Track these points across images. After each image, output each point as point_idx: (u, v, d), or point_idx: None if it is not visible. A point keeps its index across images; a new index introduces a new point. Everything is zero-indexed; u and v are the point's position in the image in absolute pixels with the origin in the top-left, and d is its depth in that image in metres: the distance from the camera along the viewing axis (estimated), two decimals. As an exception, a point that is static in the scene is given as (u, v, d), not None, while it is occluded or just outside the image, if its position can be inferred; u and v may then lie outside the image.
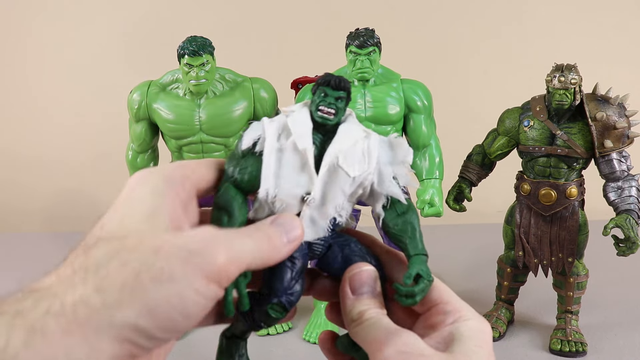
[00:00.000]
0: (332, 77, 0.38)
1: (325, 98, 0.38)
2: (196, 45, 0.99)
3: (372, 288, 0.37)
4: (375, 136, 0.39)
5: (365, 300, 0.36)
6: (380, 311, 0.36)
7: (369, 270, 0.38)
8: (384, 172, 0.38)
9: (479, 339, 0.34)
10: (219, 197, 0.36)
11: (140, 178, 0.33)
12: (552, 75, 0.98)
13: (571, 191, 1.00)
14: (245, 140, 0.37)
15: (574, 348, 1.01)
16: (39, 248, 1.62)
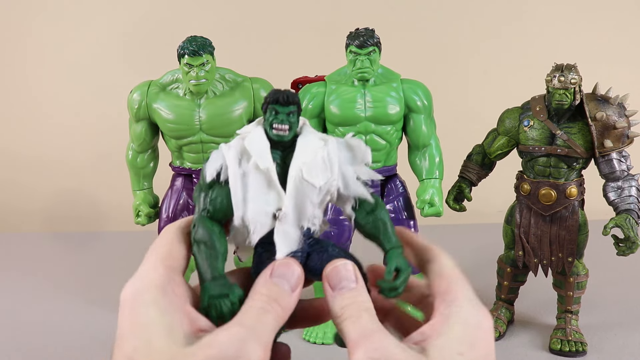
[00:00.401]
0: (280, 93, 0.38)
1: (277, 115, 0.38)
2: (196, 45, 0.99)
3: (351, 281, 0.37)
4: (333, 141, 0.39)
5: (346, 294, 0.36)
6: (361, 307, 0.35)
7: (345, 264, 0.37)
8: (346, 174, 0.39)
9: (463, 339, 0.33)
10: (196, 232, 0.38)
11: (136, 299, 0.33)
12: (552, 75, 0.98)
13: (571, 191, 1.00)
14: (208, 171, 0.38)
15: (574, 348, 1.01)
16: (39, 248, 1.62)
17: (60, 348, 1.05)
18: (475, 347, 0.33)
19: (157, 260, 0.35)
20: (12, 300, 1.27)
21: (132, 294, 0.33)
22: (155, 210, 1.13)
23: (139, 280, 0.34)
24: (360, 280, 0.37)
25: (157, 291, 0.33)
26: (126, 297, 0.33)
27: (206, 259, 0.37)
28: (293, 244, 0.38)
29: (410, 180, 1.10)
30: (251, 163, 0.38)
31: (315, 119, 1.05)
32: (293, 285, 0.36)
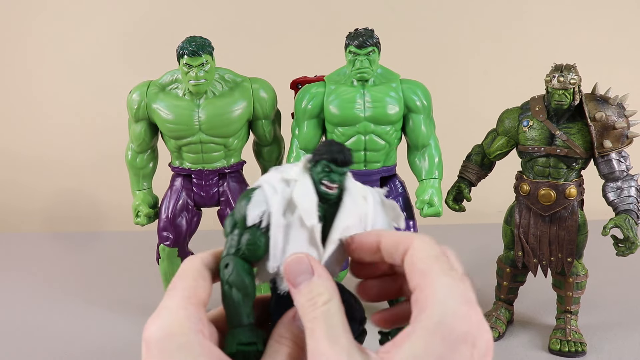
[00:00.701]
0: (340, 153, 0.37)
1: (329, 174, 0.37)
2: (195, 45, 0.99)
3: (305, 274, 0.34)
4: (371, 199, 0.39)
5: (303, 290, 0.33)
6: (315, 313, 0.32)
7: (295, 258, 0.35)
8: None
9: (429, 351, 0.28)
10: (230, 274, 0.36)
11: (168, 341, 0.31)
12: (552, 75, 0.98)
13: (570, 191, 1.00)
14: (250, 214, 0.36)
15: (574, 348, 1.01)
16: (39, 248, 1.62)
17: (60, 348, 1.05)
18: None
19: (183, 298, 0.33)
20: (12, 300, 1.27)
21: (162, 334, 0.31)
22: (154, 211, 1.13)
23: (167, 319, 0.32)
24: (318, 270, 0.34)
25: (190, 334, 0.31)
26: (153, 336, 0.31)
27: (238, 304, 0.36)
28: None
29: (409, 180, 1.10)
30: (296, 216, 0.36)
31: (315, 119, 1.05)
32: None
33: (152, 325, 0.32)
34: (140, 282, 1.33)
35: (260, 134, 1.10)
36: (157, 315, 0.32)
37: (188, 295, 0.33)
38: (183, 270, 0.35)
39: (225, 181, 1.10)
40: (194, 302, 0.33)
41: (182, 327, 0.31)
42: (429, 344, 0.28)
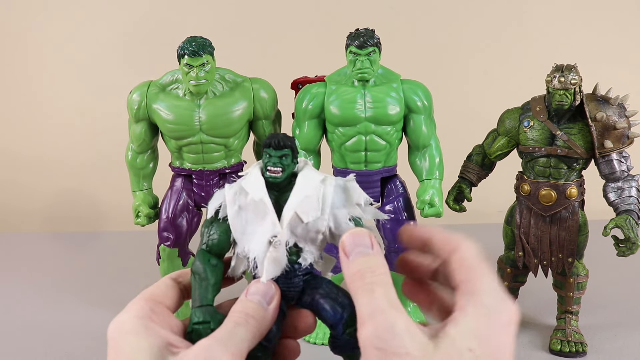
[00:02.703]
0: (273, 138, 0.41)
1: (270, 159, 0.41)
2: (196, 45, 0.99)
3: (365, 247, 0.36)
4: (331, 181, 0.41)
5: (360, 259, 0.36)
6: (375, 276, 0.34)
7: (361, 232, 0.38)
8: (338, 215, 0.41)
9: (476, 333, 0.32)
10: (194, 264, 0.41)
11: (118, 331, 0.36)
12: (552, 75, 0.98)
13: (571, 191, 1.00)
14: (209, 209, 0.41)
15: (574, 348, 1.01)
16: (39, 248, 1.62)
17: (60, 348, 1.05)
18: (487, 343, 0.32)
19: (139, 298, 0.38)
20: (12, 300, 1.27)
21: (115, 327, 0.36)
22: (155, 211, 1.13)
23: (120, 315, 0.36)
24: (377, 247, 0.37)
25: (136, 321, 0.35)
26: (110, 332, 0.36)
27: (197, 288, 0.40)
28: (278, 271, 0.40)
29: (410, 180, 1.09)
30: (247, 197, 0.40)
31: (315, 119, 1.05)
32: (268, 299, 0.38)
33: (110, 325, 0.36)
34: (140, 282, 1.32)
35: (260, 134, 1.10)
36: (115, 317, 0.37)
37: (144, 296, 0.38)
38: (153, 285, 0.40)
39: (226, 181, 1.10)
40: (147, 298, 0.38)
41: (129, 317, 0.36)
42: (480, 323, 0.32)
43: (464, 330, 0.32)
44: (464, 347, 0.31)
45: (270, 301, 0.38)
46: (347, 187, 0.42)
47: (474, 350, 0.31)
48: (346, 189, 0.41)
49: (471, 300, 0.34)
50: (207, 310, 0.39)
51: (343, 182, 0.42)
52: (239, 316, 0.36)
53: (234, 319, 0.36)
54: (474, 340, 0.32)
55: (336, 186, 0.41)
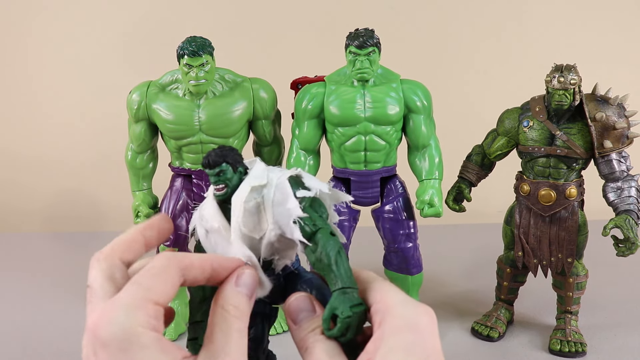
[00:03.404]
0: (205, 158, 0.41)
1: (211, 179, 0.41)
2: (196, 45, 0.99)
3: (308, 312, 0.38)
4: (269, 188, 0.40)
5: (304, 325, 0.38)
6: (316, 336, 0.36)
7: (299, 297, 0.39)
8: (280, 220, 0.39)
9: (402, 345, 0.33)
10: None
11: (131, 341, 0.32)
12: (552, 75, 0.98)
13: (571, 191, 1.00)
14: (189, 229, 0.43)
15: (574, 348, 1.01)
16: (39, 248, 1.62)
17: (60, 348, 1.05)
18: (413, 352, 0.33)
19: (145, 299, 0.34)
20: (12, 300, 1.27)
21: (123, 335, 0.32)
22: (154, 211, 1.13)
23: (125, 318, 0.32)
24: (319, 309, 0.38)
25: (153, 336, 0.33)
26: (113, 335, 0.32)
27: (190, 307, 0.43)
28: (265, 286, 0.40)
29: (409, 180, 1.10)
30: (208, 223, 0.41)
31: (315, 119, 1.05)
32: (251, 292, 0.38)
33: (107, 321, 0.32)
34: (140, 282, 1.33)
35: (260, 134, 1.10)
36: (110, 311, 0.32)
37: (151, 298, 0.34)
38: (154, 267, 0.35)
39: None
40: (155, 304, 0.34)
41: (142, 328, 0.32)
42: (400, 336, 0.33)
43: (389, 347, 0.33)
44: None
45: (252, 294, 0.38)
46: (280, 188, 0.39)
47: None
48: (280, 189, 0.39)
49: (386, 317, 0.34)
50: (195, 327, 0.41)
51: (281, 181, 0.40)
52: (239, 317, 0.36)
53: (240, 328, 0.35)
54: (402, 352, 0.33)
55: (275, 186, 0.40)
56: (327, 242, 0.38)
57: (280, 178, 0.39)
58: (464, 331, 1.10)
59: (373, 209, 1.09)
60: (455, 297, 1.25)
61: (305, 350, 0.36)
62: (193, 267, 0.36)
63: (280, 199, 0.39)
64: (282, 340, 1.06)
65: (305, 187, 0.40)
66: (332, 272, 0.37)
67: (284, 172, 0.40)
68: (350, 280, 0.37)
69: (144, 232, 0.40)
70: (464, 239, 1.62)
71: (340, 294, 0.36)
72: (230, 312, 0.36)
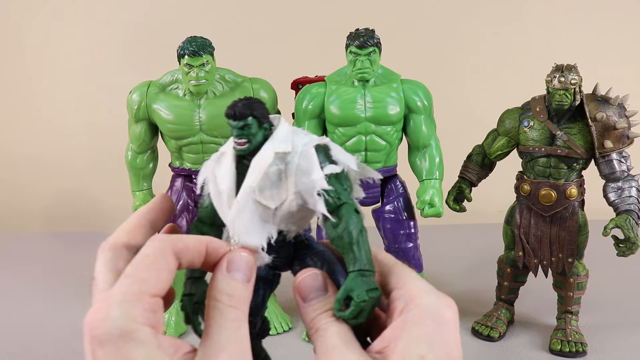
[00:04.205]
0: (231, 108, 0.38)
1: (233, 130, 0.39)
2: (196, 45, 0.99)
3: (320, 291, 0.36)
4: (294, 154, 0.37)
5: (315, 305, 0.36)
6: (329, 317, 0.35)
7: (312, 275, 0.37)
8: (303, 191, 0.36)
9: (424, 337, 0.32)
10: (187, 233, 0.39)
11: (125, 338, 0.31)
12: (552, 75, 0.98)
13: (571, 191, 1.00)
14: (198, 182, 0.40)
15: (574, 348, 1.01)
16: (39, 248, 1.62)
17: (61, 348, 1.05)
18: (436, 345, 0.32)
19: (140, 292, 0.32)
20: (12, 300, 1.27)
21: (119, 332, 0.30)
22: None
23: (120, 314, 0.31)
24: (332, 290, 0.36)
25: (149, 332, 0.31)
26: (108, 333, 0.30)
27: None
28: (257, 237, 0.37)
29: (410, 180, 1.10)
30: None
31: (316, 119, 1.05)
32: (248, 276, 0.36)
33: (102, 318, 0.31)
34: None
35: (260, 134, 1.10)
36: (106, 308, 0.31)
37: (146, 290, 0.32)
38: (147, 256, 0.33)
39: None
40: (151, 297, 0.32)
41: (137, 323, 0.31)
42: (424, 327, 0.32)
43: (410, 340, 0.32)
44: (415, 355, 0.31)
45: (250, 277, 0.36)
46: (306, 157, 0.37)
47: (427, 356, 0.31)
48: (306, 158, 0.37)
49: (409, 305, 0.33)
50: (193, 282, 0.39)
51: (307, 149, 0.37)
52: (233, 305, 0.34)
53: (233, 316, 0.33)
54: (424, 344, 0.32)
55: (301, 154, 0.37)
56: (350, 219, 0.36)
57: (306, 145, 0.37)
58: (464, 331, 1.10)
59: (373, 209, 1.09)
60: (455, 297, 1.23)
61: (316, 332, 0.34)
62: (188, 250, 0.34)
63: (305, 167, 0.36)
64: (282, 340, 1.06)
65: (332, 159, 0.37)
66: (352, 252, 0.35)
67: (310, 138, 0.37)
68: (370, 263, 0.35)
69: (147, 215, 0.39)
70: (465, 239, 1.62)
71: (357, 275, 0.34)
72: (224, 302, 0.34)
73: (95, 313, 0.31)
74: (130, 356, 0.30)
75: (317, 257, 0.39)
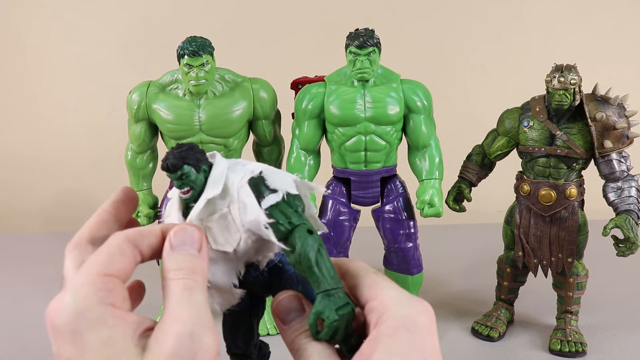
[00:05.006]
0: (164, 161, 0.38)
1: (174, 182, 0.38)
2: (196, 45, 0.99)
3: (297, 312, 0.37)
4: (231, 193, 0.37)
5: (294, 326, 0.36)
6: (308, 337, 0.35)
7: (287, 297, 0.37)
8: (252, 228, 0.37)
9: (398, 348, 0.32)
10: None
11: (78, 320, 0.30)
12: (552, 75, 0.98)
13: (571, 191, 1.00)
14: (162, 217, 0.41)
15: (574, 348, 1.01)
16: (39, 248, 1.62)
17: (60, 348, 1.05)
18: (411, 355, 0.32)
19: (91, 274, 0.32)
20: (12, 300, 1.27)
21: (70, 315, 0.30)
22: (154, 211, 1.13)
23: (72, 299, 0.30)
24: (308, 308, 0.37)
25: (99, 308, 0.30)
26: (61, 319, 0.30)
27: None
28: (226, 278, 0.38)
29: (410, 180, 1.10)
30: None
31: (315, 119, 1.05)
32: (197, 246, 0.35)
33: (58, 307, 0.30)
34: (140, 282, 1.33)
35: (260, 134, 1.10)
36: (61, 297, 0.31)
37: (97, 271, 0.32)
38: (101, 247, 0.34)
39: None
40: (103, 276, 0.32)
41: (89, 302, 0.30)
42: (397, 338, 0.32)
43: (385, 350, 0.32)
44: None
45: (200, 247, 0.35)
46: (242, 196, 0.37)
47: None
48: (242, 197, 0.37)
49: (382, 316, 0.33)
50: None
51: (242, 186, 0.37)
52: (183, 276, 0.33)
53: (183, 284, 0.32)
54: (399, 355, 0.31)
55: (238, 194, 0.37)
56: (305, 242, 0.35)
57: (240, 182, 0.37)
58: (464, 331, 1.10)
59: (373, 209, 1.09)
60: (455, 297, 1.25)
61: (297, 352, 0.35)
62: (142, 235, 0.34)
63: (244, 206, 0.36)
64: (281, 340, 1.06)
65: (270, 188, 0.37)
66: (313, 275, 0.35)
67: (244, 172, 0.37)
68: (334, 280, 0.35)
69: (109, 209, 0.39)
70: (464, 239, 1.62)
71: (324, 297, 0.34)
72: (171, 277, 0.33)
73: (52, 305, 0.31)
74: (87, 338, 0.29)
75: (291, 279, 0.39)
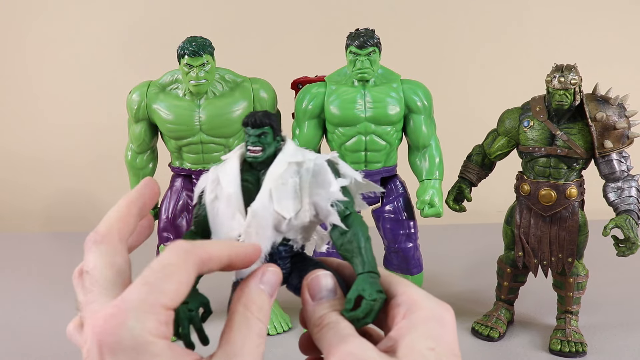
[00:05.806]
0: (251, 117, 0.39)
1: (249, 138, 0.39)
2: (196, 45, 0.99)
3: (330, 292, 0.37)
4: (306, 167, 0.39)
5: (325, 304, 0.36)
6: (339, 315, 0.36)
7: (324, 274, 0.38)
8: (318, 202, 0.38)
9: (430, 334, 0.33)
10: None
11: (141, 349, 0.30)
12: (552, 75, 0.98)
13: (571, 191, 1.00)
14: (195, 192, 0.40)
15: (574, 348, 1.01)
16: (39, 248, 1.62)
17: (61, 348, 1.05)
18: (442, 342, 0.33)
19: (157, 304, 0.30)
20: (13, 300, 1.27)
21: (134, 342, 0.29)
22: (154, 211, 1.13)
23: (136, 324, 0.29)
24: (340, 293, 0.38)
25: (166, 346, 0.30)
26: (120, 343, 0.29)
27: None
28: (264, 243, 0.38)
29: (410, 180, 1.10)
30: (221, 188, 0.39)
31: (315, 119, 1.05)
32: (273, 291, 0.36)
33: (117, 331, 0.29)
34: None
35: (260, 134, 1.10)
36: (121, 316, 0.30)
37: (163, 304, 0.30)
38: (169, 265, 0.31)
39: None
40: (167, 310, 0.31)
41: (153, 335, 0.30)
42: (430, 325, 0.34)
43: (417, 334, 0.33)
44: (424, 348, 0.33)
45: (274, 294, 0.36)
46: (320, 170, 0.39)
47: (435, 349, 0.33)
48: (317, 173, 0.39)
49: (412, 307, 0.35)
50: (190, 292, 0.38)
51: (320, 163, 0.39)
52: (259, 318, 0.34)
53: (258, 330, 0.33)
54: (431, 340, 0.33)
55: (314, 168, 0.39)
56: (359, 227, 0.38)
57: (317, 159, 0.39)
58: (464, 331, 1.10)
59: (373, 209, 1.09)
60: (455, 297, 1.25)
61: (327, 325, 0.35)
62: (211, 261, 0.33)
63: (320, 180, 0.39)
64: (282, 340, 1.06)
65: (340, 174, 0.40)
66: (360, 256, 0.37)
67: (320, 154, 0.40)
68: (376, 268, 0.37)
69: (136, 202, 0.38)
70: (464, 239, 1.62)
71: (367, 277, 0.36)
72: (254, 313, 0.34)
73: (109, 318, 0.30)
74: None
75: (318, 267, 0.40)
